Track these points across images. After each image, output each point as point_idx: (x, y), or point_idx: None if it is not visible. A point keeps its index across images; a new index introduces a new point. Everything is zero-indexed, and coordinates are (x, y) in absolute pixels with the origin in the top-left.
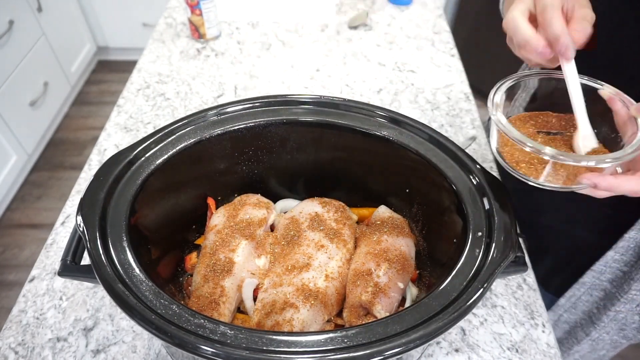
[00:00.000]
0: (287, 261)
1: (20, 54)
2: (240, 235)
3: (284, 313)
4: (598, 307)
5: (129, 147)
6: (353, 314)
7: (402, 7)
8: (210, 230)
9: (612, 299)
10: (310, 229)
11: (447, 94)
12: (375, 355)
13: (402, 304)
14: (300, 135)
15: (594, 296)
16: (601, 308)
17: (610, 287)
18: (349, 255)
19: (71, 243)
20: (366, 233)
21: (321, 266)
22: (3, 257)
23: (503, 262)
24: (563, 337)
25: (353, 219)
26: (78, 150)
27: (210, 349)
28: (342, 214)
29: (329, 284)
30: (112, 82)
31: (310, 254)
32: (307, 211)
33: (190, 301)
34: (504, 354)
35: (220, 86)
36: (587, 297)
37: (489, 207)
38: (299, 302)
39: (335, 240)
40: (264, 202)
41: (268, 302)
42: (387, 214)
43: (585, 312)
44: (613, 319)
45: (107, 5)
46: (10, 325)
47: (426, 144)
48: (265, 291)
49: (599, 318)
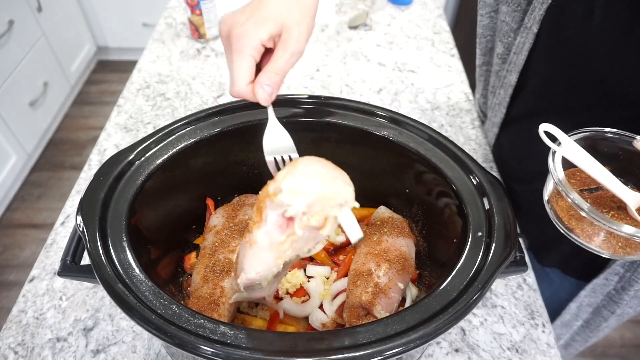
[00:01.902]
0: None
1: (20, 54)
2: (239, 235)
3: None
4: (616, 289)
5: (129, 147)
6: (353, 314)
7: (402, 7)
8: (210, 231)
9: (630, 281)
10: None
11: (447, 94)
12: (375, 355)
13: (403, 304)
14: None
15: (609, 280)
16: (619, 290)
17: (623, 271)
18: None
19: (71, 243)
20: (366, 233)
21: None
22: (3, 257)
23: (503, 262)
24: (590, 318)
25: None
26: (78, 150)
27: (210, 349)
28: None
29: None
30: (112, 82)
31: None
32: None
33: (190, 301)
34: (504, 354)
35: (220, 86)
36: (603, 281)
37: (489, 207)
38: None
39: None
40: None
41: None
42: (387, 214)
43: (605, 294)
44: (634, 297)
45: (107, 5)
46: (10, 326)
47: (426, 144)
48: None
49: (621, 298)
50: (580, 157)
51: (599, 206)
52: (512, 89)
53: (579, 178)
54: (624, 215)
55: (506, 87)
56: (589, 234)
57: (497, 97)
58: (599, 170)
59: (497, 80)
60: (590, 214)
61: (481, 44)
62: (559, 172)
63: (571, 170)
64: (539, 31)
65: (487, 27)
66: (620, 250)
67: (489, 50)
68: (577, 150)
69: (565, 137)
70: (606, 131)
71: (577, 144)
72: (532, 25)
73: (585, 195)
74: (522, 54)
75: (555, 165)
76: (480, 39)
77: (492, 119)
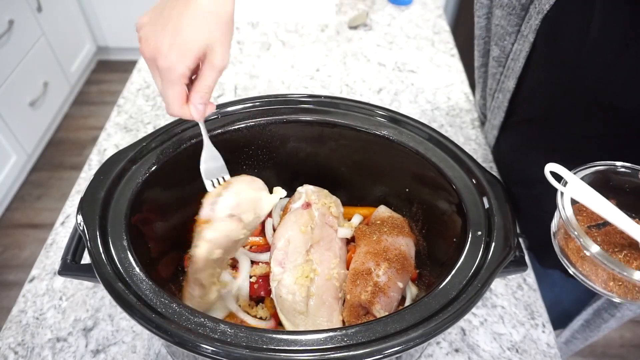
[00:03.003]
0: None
1: (20, 54)
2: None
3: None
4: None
5: (129, 146)
6: (352, 313)
7: (402, 7)
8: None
9: None
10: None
11: (447, 94)
12: (375, 354)
13: (402, 303)
14: (300, 135)
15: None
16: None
17: None
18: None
19: (71, 242)
20: (366, 232)
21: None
22: (3, 257)
23: (503, 261)
24: (590, 318)
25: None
26: (78, 150)
27: (210, 348)
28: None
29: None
30: (112, 82)
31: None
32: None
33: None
34: (504, 354)
35: (220, 86)
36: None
37: (488, 207)
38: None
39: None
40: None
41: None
42: (387, 214)
43: (606, 298)
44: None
45: (107, 5)
46: (10, 326)
47: (426, 144)
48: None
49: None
50: (587, 196)
51: (609, 245)
52: (510, 94)
53: (585, 214)
54: (637, 254)
55: (504, 92)
56: (604, 280)
57: (495, 101)
58: (608, 208)
59: (495, 83)
60: (603, 260)
61: (479, 46)
62: (569, 216)
63: (578, 206)
64: (536, 39)
65: (484, 28)
66: (638, 294)
67: (486, 52)
68: (584, 190)
69: (571, 177)
70: (618, 165)
71: (583, 181)
72: (528, 33)
73: (594, 232)
74: (519, 61)
75: (565, 209)
76: (477, 41)
77: (492, 121)
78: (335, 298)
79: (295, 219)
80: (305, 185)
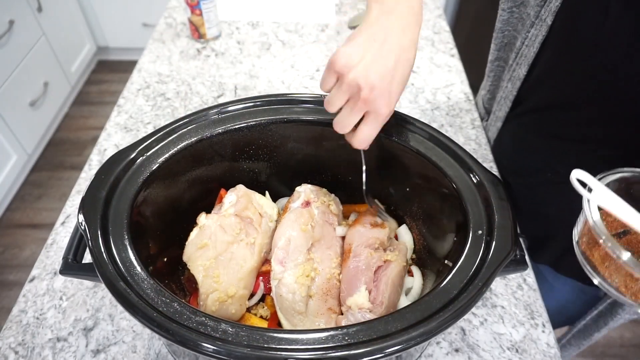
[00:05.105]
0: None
1: (20, 54)
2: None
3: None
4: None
5: (130, 146)
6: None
7: None
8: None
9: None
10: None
11: (447, 94)
12: (375, 353)
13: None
14: (301, 134)
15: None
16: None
17: None
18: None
19: (72, 241)
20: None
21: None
22: (3, 257)
23: (503, 261)
24: (589, 324)
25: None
26: (78, 150)
27: (212, 347)
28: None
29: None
30: (112, 82)
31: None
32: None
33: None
34: (504, 354)
35: (220, 86)
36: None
37: (489, 206)
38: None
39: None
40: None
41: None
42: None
43: (607, 303)
44: (628, 312)
45: (107, 5)
46: (10, 325)
47: (426, 143)
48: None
49: (621, 305)
50: (613, 203)
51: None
52: (520, 82)
53: (604, 222)
54: None
55: (514, 80)
56: (633, 292)
57: (504, 91)
58: (634, 217)
59: (508, 73)
60: (635, 267)
61: (497, 39)
62: (597, 222)
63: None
64: (553, 23)
65: (507, 22)
66: None
67: (504, 45)
68: (609, 197)
69: (596, 184)
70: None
71: (608, 188)
72: (546, 17)
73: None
74: (534, 47)
75: (592, 215)
76: (497, 34)
77: (497, 113)
78: (336, 298)
79: (295, 218)
80: (304, 185)
